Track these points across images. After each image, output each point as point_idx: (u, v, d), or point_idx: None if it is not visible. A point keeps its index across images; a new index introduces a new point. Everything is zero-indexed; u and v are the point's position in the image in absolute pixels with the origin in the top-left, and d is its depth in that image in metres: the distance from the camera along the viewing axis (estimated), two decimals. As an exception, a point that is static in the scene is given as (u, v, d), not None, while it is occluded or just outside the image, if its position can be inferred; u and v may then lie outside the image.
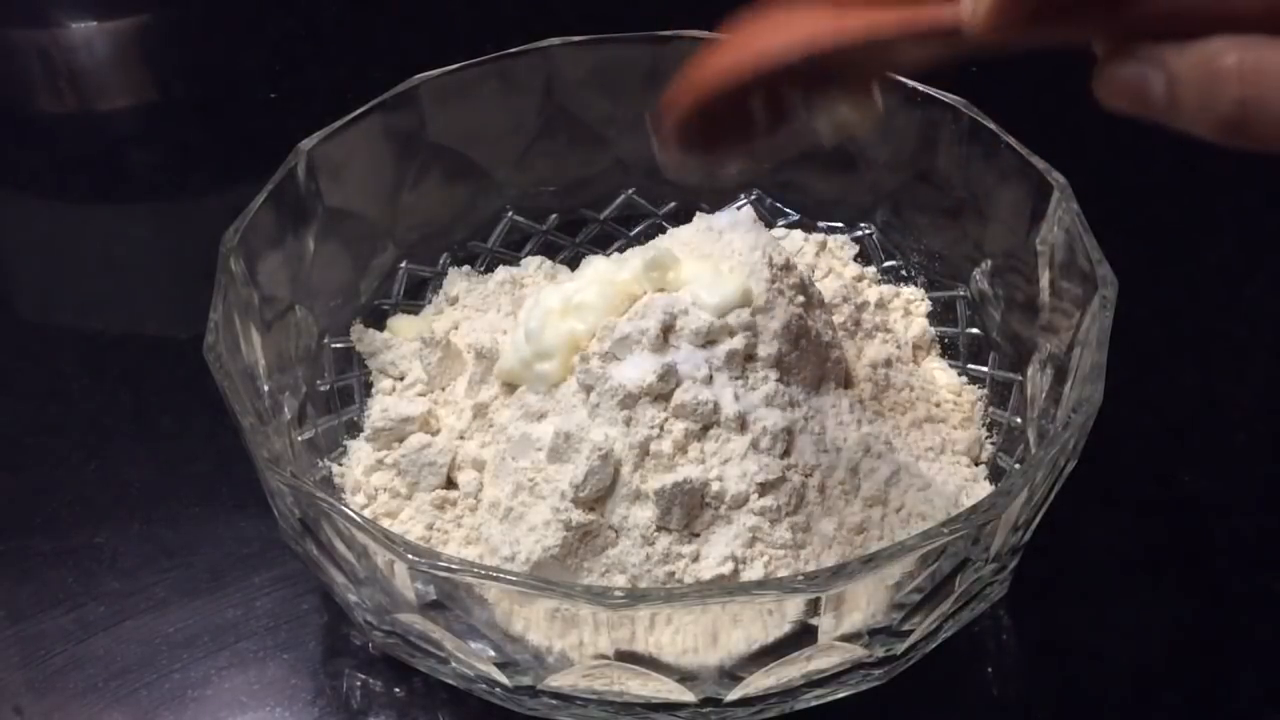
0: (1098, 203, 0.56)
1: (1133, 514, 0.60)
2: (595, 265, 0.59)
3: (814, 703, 0.49)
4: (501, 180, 0.67)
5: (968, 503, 0.53)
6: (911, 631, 0.47)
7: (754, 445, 0.50)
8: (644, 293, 0.54)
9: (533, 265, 0.65)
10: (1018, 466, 0.55)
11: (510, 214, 0.68)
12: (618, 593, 0.42)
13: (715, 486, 0.49)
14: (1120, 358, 0.49)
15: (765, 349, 0.53)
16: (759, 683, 0.47)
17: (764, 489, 0.49)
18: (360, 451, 0.56)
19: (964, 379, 0.61)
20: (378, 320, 0.63)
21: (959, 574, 0.46)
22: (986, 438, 0.58)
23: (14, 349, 0.68)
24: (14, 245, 0.77)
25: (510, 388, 0.55)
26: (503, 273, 0.64)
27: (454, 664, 0.49)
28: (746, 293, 0.52)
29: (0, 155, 0.81)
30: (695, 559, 0.49)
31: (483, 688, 0.49)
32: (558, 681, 0.47)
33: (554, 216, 0.69)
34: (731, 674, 0.46)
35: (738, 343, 0.52)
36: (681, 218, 0.63)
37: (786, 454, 0.51)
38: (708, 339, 0.51)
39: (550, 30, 0.65)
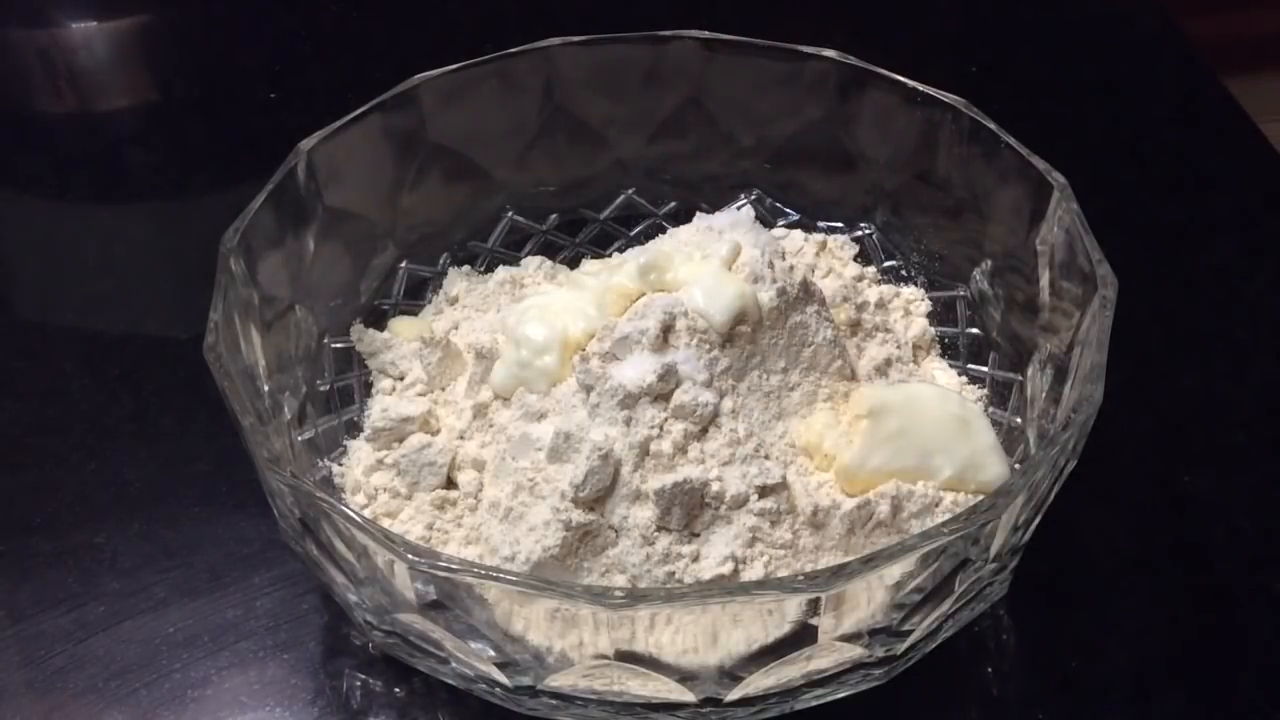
0: (1098, 203, 0.56)
1: (1133, 514, 0.60)
2: (587, 269, 0.59)
3: (814, 703, 0.49)
4: (501, 180, 0.67)
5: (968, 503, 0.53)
6: (911, 631, 0.47)
7: (755, 447, 0.50)
8: (640, 293, 0.54)
9: (533, 265, 0.65)
10: (1018, 466, 0.55)
11: (510, 214, 0.68)
12: (618, 593, 0.42)
13: (715, 487, 0.49)
14: (1120, 358, 0.49)
15: (766, 349, 0.53)
16: (759, 683, 0.47)
17: (764, 492, 0.49)
18: (360, 451, 0.56)
19: (964, 379, 0.61)
20: (378, 320, 0.63)
21: (959, 574, 0.46)
22: (986, 438, 0.58)
23: (14, 349, 0.68)
24: (14, 245, 0.77)
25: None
26: (503, 273, 0.64)
27: (454, 664, 0.49)
28: (746, 295, 0.52)
29: (0, 155, 0.81)
30: (695, 559, 0.49)
31: (483, 688, 0.49)
32: (558, 681, 0.47)
33: (554, 216, 0.69)
34: (731, 674, 0.46)
35: (738, 343, 0.52)
36: (681, 218, 0.63)
37: (786, 454, 0.51)
38: (708, 339, 0.51)
39: (550, 30, 0.65)
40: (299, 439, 0.55)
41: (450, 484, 0.54)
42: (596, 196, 0.69)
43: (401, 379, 0.60)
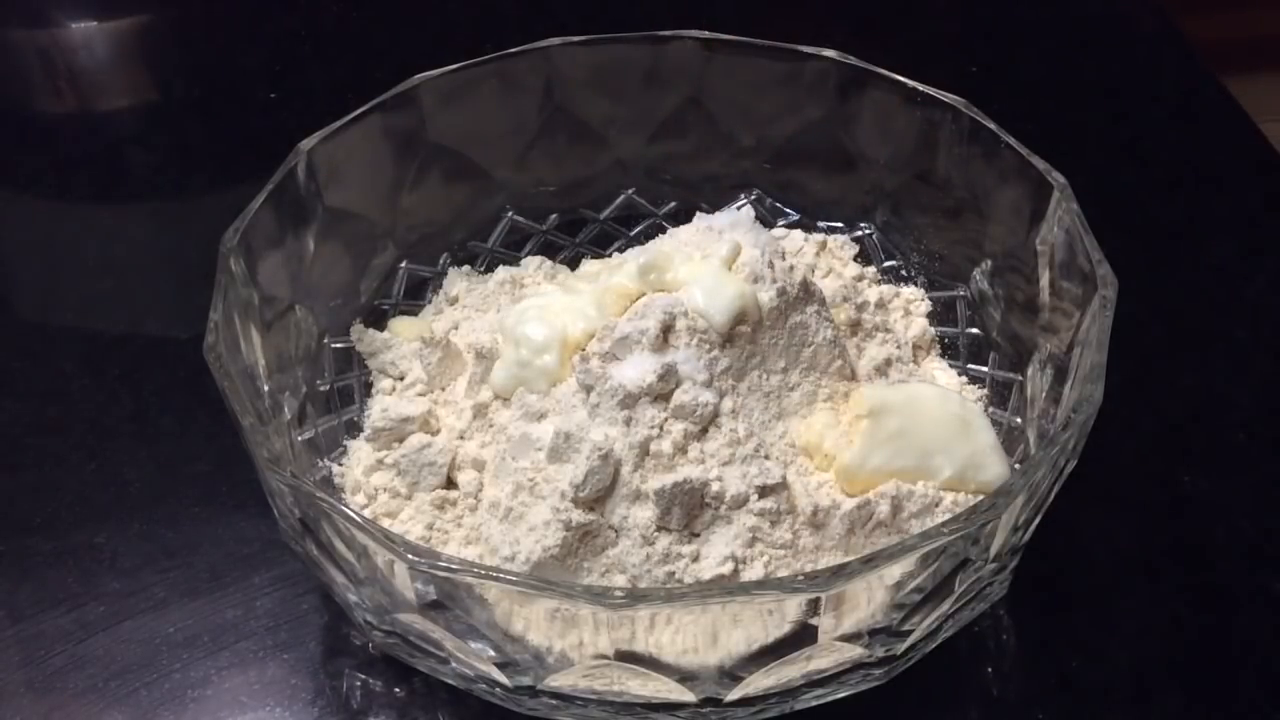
0: (1098, 203, 0.56)
1: (1133, 514, 0.60)
2: (587, 269, 0.59)
3: (814, 703, 0.49)
4: (501, 180, 0.67)
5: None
6: (911, 631, 0.47)
7: (755, 447, 0.50)
8: (640, 294, 0.54)
9: (533, 265, 0.65)
10: (1018, 466, 0.55)
11: (510, 214, 0.68)
12: (618, 593, 0.42)
13: (715, 487, 0.49)
14: (1120, 358, 0.49)
15: (766, 349, 0.53)
16: (759, 683, 0.47)
17: (764, 492, 0.49)
18: (360, 451, 0.56)
19: (964, 379, 0.61)
20: (378, 320, 0.63)
21: (959, 574, 0.46)
22: (986, 438, 0.58)
23: (14, 349, 0.68)
24: (14, 245, 0.77)
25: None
26: (503, 273, 0.64)
27: (454, 664, 0.49)
28: (746, 295, 0.52)
29: (0, 155, 0.81)
30: (695, 559, 0.49)
31: (483, 688, 0.49)
32: (558, 681, 0.47)
33: (554, 216, 0.69)
34: (731, 674, 0.46)
35: (738, 344, 0.52)
36: (681, 218, 0.63)
37: (786, 454, 0.51)
38: (708, 339, 0.51)
39: (550, 30, 0.65)
40: (299, 439, 0.55)
41: (450, 484, 0.54)
42: (596, 196, 0.69)
43: (401, 379, 0.60)
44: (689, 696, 0.46)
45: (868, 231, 0.67)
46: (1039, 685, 0.54)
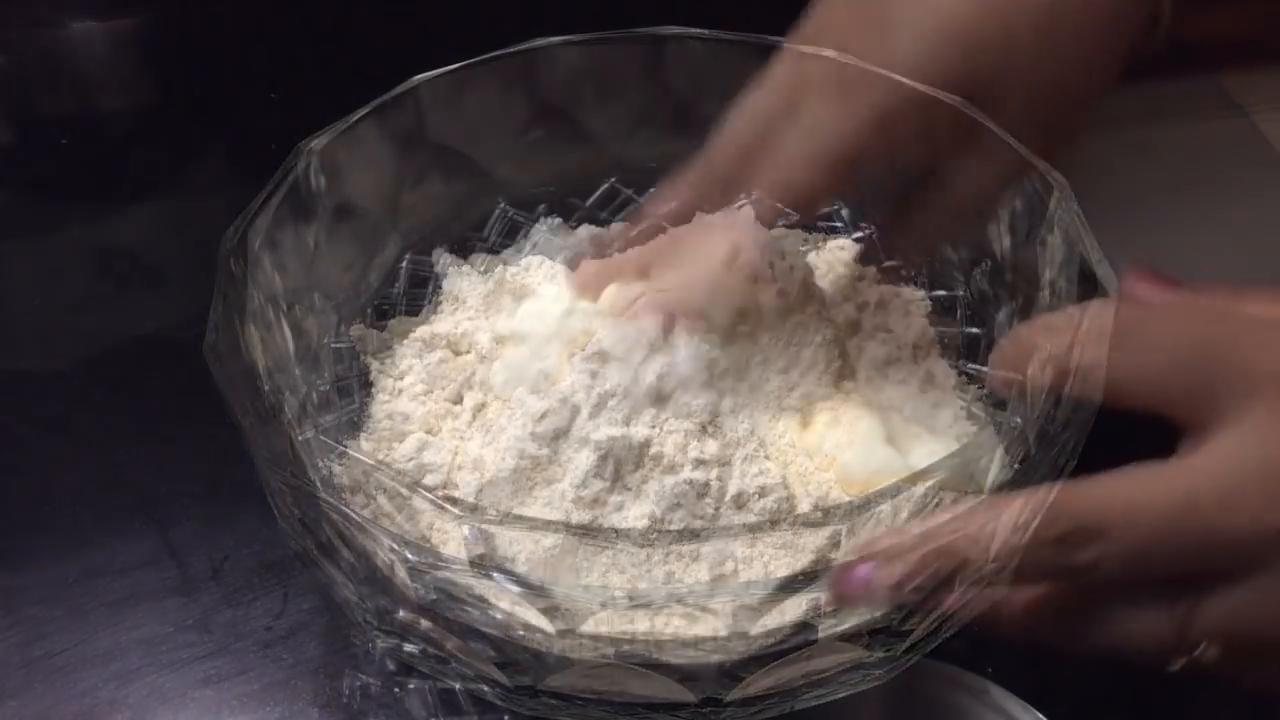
0: (1098, 203, 0.56)
1: (1133, 514, 0.59)
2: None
3: (814, 703, 0.49)
4: (501, 180, 0.67)
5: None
6: (911, 631, 0.47)
7: (755, 447, 0.50)
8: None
9: (533, 265, 0.65)
10: (1018, 466, 0.54)
11: (510, 214, 0.68)
12: (618, 593, 0.42)
13: (715, 487, 0.49)
14: (1120, 358, 0.49)
15: (766, 349, 0.53)
16: (759, 683, 0.47)
17: (764, 492, 0.49)
18: (360, 451, 0.56)
19: (964, 379, 0.61)
20: (378, 320, 0.63)
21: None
22: (986, 438, 0.58)
23: (14, 349, 0.68)
24: (14, 245, 0.77)
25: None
26: (503, 273, 0.64)
27: (454, 664, 0.49)
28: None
29: (0, 155, 0.81)
30: (695, 558, 0.49)
31: (483, 688, 0.49)
32: (558, 681, 0.47)
33: (554, 217, 0.69)
34: (731, 674, 0.46)
35: (738, 343, 0.52)
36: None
37: (786, 454, 0.51)
38: (708, 339, 0.51)
39: (550, 30, 0.65)
40: (299, 439, 0.55)
41: (450, 484, 0.54)
42: (596, 197, 0.69)
43: (401, 379, 0.60)
44: (689, 696, 0.46)
45: (868, 231, 0.67)
46: (1039, 685, 0.54)
